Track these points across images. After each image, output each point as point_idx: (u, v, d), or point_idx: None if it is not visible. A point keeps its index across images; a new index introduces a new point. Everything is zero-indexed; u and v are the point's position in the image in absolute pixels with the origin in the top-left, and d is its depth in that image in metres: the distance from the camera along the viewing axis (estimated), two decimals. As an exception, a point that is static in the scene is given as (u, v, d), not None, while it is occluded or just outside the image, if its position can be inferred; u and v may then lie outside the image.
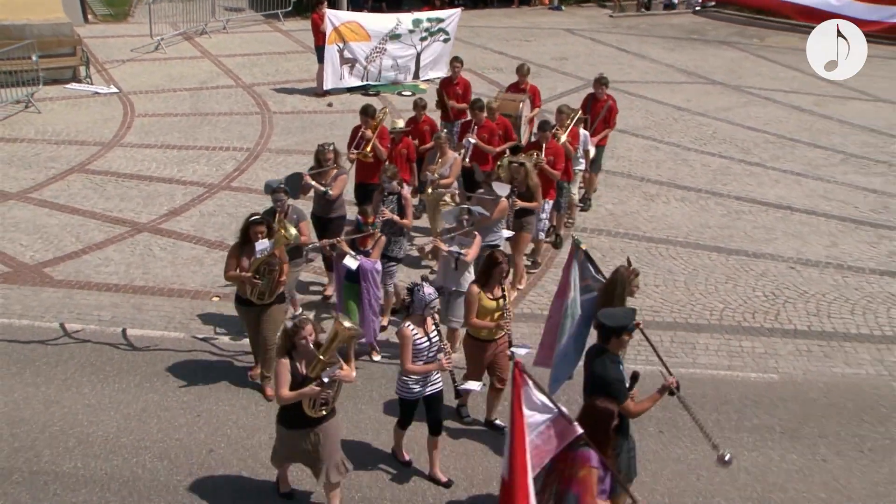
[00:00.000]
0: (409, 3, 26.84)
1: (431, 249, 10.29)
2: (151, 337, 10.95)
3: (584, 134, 13.41)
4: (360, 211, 10.03)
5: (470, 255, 9.89)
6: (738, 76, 22.31)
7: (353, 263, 9.72)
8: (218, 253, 12.69)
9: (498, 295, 8.82)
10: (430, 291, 8.09)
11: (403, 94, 19.99)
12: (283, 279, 9.52)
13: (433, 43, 20.55)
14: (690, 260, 13.11)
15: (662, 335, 11.21)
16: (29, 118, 18.13)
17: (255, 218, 9.40)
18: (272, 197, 10.21)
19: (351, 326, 7.53)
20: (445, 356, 8.24)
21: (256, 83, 20.73)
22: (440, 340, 8.24)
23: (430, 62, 20.65)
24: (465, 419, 9.54)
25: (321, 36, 19.50)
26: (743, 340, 11.09)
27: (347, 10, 22.73)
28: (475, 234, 10.13)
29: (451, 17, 20.62)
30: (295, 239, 9.50)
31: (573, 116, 13.06)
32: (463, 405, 9.56)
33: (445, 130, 13.07)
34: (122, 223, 13.85)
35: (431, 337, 8.13)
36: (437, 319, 8.32)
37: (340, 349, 7.55)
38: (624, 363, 7.45)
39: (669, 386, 7.39)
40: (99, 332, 11.04)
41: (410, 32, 20.22)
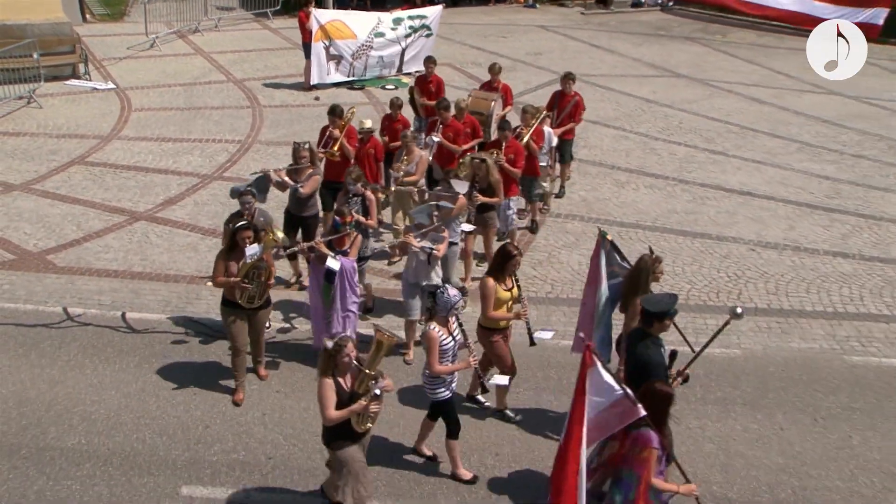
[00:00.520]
0: (392, 1, 26.74)
1: (400, 245, 10.06)
2: (149, 320, 10.94)
3: (547, 131, 13.16)
4: (336, 212, 9.67)
5: (441, 250, 9.73)
6: (701, 70, 22.33)
7: (335, 264, 9.42)
8: (212, 240, 12.68)
9: (510, 286, 8.70)
10: (454, 293, 7.87)
11: (387, 87, 19.92)
12: (271, 282, 9.22)
13: (417, 39, 20.47)
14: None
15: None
16: (31, 113, 18.03)
17: (241, 224, 9.08)
18: (239, 200, 9.85)
19: (392, 335, 7.24)
20: (471, 354, 8.11)
21: (247, 78, 20.63)
22: (464, 339, 8.10)
23: (413, 57, 20.54)
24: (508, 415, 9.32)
25: (308, 33, 19.42)
26: (708, 318, 11.12)
27: (333, 9, 22.64)
28: (443, 229, 9.96)
29: (433, 14, 20.53)
30: (283, 242, 9.34)
31: (538, 116, 12.83)
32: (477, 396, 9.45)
33: (412, 129, 12.74)
34: (120, 212, 13.80)
35: (455, 336, 7.98)
36: (460, 319, 8.13)
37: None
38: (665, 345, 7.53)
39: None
40: (100, 315, 11.03)
41: (392, 30, 20.11)
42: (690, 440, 8.91)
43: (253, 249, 8.96)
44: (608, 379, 6.52)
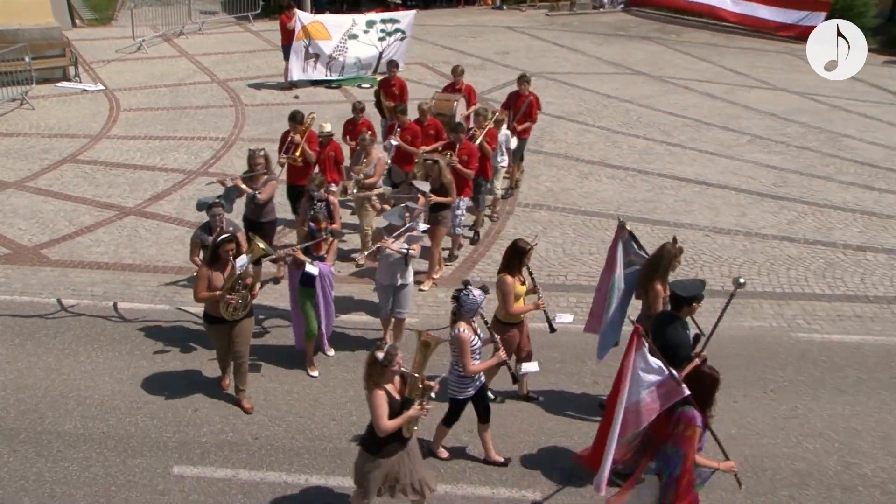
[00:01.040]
0: (366, 4, 26.64)
1: (374, 251, 9.45)
2: (140, 309, 10.90)
3: (504, 133, 12.87)
4: (311, 218, 9.32)
5: (417, 249, 9.54)
6: (659, 68, 22.44)
7: (314, 270, 9.15)
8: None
9: (523, 279, 8.62)
10: (478, 293, 7.62)
11: (363, 86, 19.86)
12: (255, 292, 8.75)
13: (392, 44, 20.35)
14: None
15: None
16: (24, 114, 17.86)
17: (225, 236, 8.50)
18: (209, 213, 9.46)
19: (437, 336, 7.06)
20: (499, 349, 8.03)
21: (230, 79, 20.51)
22: (490, 336, 8.01)
23: (389, 59, 20.39)
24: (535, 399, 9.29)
25: (288, 34, 19.33)
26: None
27: (312, 11, 22.52)
28: (415, 229, 9.66)
29: (406, 18, 20.41)
30: (268, 250, 8.95)
31: (490, 118, 12.59)
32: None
33: (370, 132, 12.29)
34: (110, 208, 13.71)
35: (479, 335, 7.81)
36: (484, 317, 8.01)
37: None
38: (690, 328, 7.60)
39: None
40: (92, 306, 10.97)
41: (365, 33, 19.98)
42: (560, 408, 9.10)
43: (242, 260, 8.48)
44: (655, 361, 6.60)
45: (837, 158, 16.38)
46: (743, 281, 7.59)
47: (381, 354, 6.67)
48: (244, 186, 10.59)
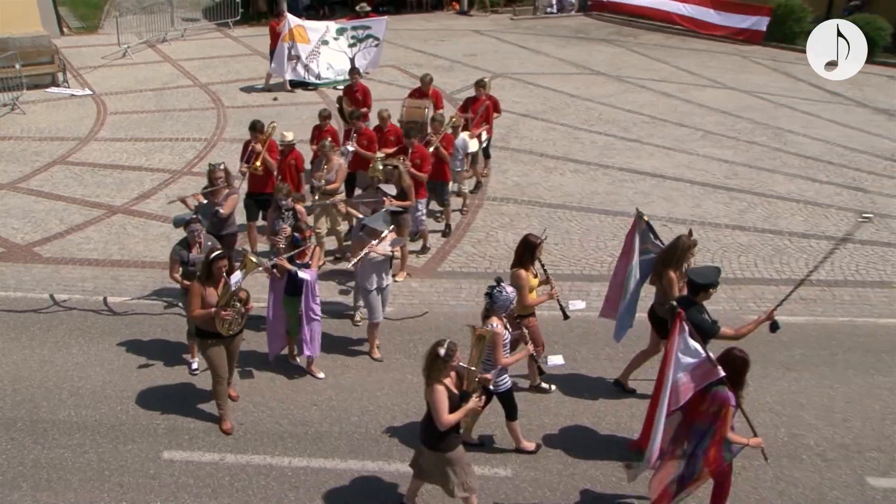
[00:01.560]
0: (341, 11, 26.51)
1: (360, 261, 9.16)
2: (128, 303, 10.84)
3: (462, 139, 12.70)
4: (295, 228, 9.06)
5: (400, 251, 9.47)
6: (617, 68, 22.50)
7: (307, 276, 8.85)
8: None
9: (534, 272, 8.60)
10: (510, 290, 7.56)
11: (338, 87, 19.69)
12: (249, 306, 8.30)
13: (364, 48, 20.16)
14: (583, 221, 13.31)
15: (562, 284, 11.27)
16: (15, 119, 17.67)
17: (217, 253, 8.07)
18: (187, 229, 8.99)
19: (489, 329, 7.03)
20: (527, 343, 8.02)
21: (211, 82, 20.34)
22: (519, 330, 7.96)
23: (365, 63, 20.28)
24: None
25: (276, 39, 19.28)
26: (628, 286, 11.27)
27: (272, 19, 22.33)
28: (395, 231, 9.51)
29: (378, 23, 20.21)
30: (260, 262, 8.66)
31: (447, 124, 12.29)
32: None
33: (330, 139, 11.82)
34: (99, 207, 13.61)
35: (509, 329, 7.72)
36: (513, 313, 7.93)
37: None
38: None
39: (774, 320, 7.72)
40: (83, 300, 10.91)
41: (335, 39, 19.75)
42: (619, 394, 9.15)
43: (237, 277, 8.07)
44: (693, 344, 6.69)
45: (783, 152, 16.53)
46: (870, 215, 7.44)
47: (442, 350, 6.56)
48: (205, 202, 10.15)
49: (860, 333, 9.66)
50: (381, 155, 11.57)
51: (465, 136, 12.83)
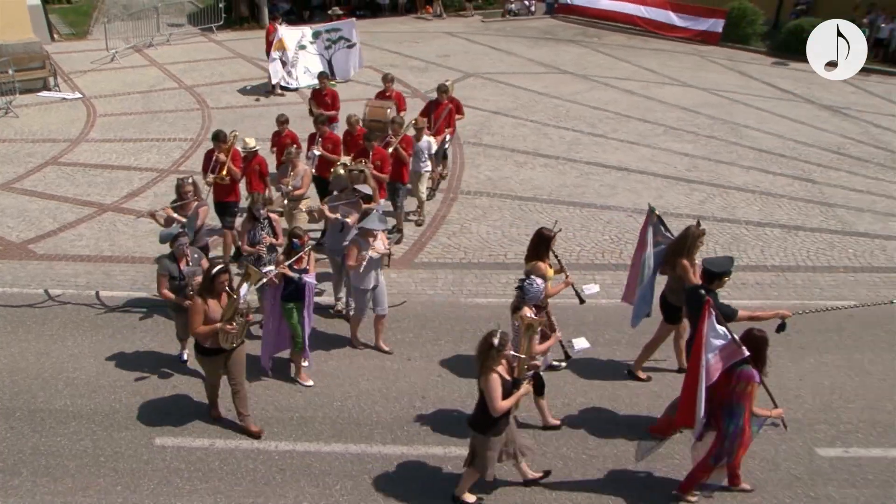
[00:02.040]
0: (320, 16, 26.36)
1: (362, 259, 9.00)
2: (120, 297, 10.78)
3: (426, 140, 12.39)
4: (293, 234, 8.62)
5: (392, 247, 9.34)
6: (583, 67, 22.55)
7: (312, 279, 8.64)
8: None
9: (551, 262, 8.68)
10: (540, 282, 7.59)
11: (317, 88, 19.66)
12: (250, 317, 8.02)
13: (339, 50, 20.08)
14: (553, 213, 13.31)
15: (530, 273, 11.45)
16: (8, 122, 17.44)
17: (220, 268, 7.70)
18: (174, 244, 8.63)
19: (540, 318, 7.02)
20: (556, 330, 8.08)
21: (196, 85, 20.16)
22: (547, 318, 7.96)
23: (342, 65, 20.19)
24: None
25: (270, 44, 19.29)
26: (596, 274, 11.29)
27: (269, 22, 22.13)
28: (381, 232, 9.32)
29: (346, 25, 19.99)
30: (261, 274, 8.27)
31: (406, 126, 12.11)
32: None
33: (295, 146, 11.53)
34: (90, 205, 13.50)
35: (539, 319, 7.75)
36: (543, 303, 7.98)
37: None
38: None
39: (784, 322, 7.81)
40: (77, 295, 10.84)
41: (311, 43, 19.69)
42: (593, 373, 9.29)
43: (245, 289, 7.73)
44: (721, 328, 6.83)
45: (739, 146, 16.68)
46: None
47: (496, 340, 6.58)
48: (177, 216, 9.72)
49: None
50: (344, 159, 11.45)
51: (429, 138, 12.64)
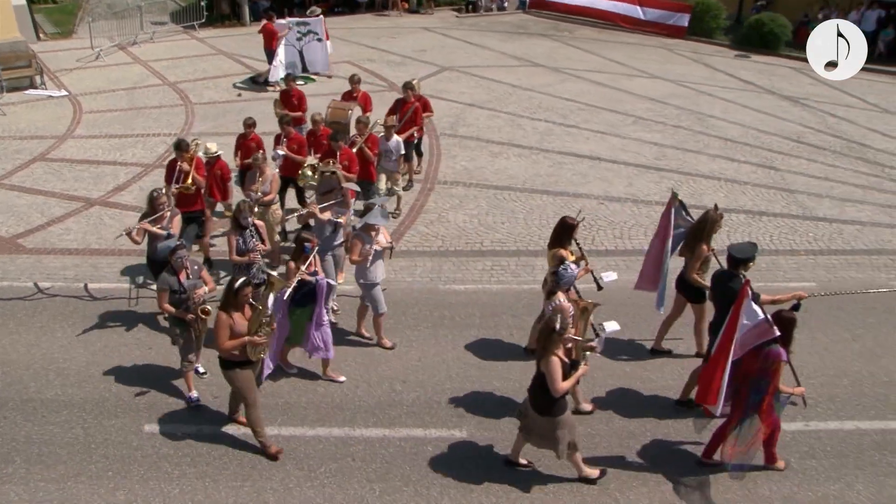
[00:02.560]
0: (298, 14, 26.08)
1: (368, 254, 8.89)
2: (107, 289, 10.67)
3: (396, 140, 12.00)
4: (303, 238, 8.32)
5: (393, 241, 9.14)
6: (555, 60, 22.52)
7: (330, 280, 8.54)
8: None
9: (572, 249, 8.66)
10: (574, 268, 7.64)
11: (297, 82, 19.46)
12: (273, 326, 7.59)
13: (310, 42, 19.86)
14: (527, 201, 13.34)
15: (509, 260, 11.46)
16: (-5, 120, 17.25)
17: (243, 280, 7.37)
18: (173, 257, 8.10)
19: (593, 301, 7.07)
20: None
21: (179, 81, 19.92)
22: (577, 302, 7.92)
23: (312, 59, 20.00)
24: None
25: (271, 40, 19.08)
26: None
27: (250, 20, 21.92)
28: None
29: (314, 21, 19.84)
30: (285, 283, 7.93)
31: (372, 125, 11.90)
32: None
33: (261, 151, 11.12)
34: (77, 200, 13.33)
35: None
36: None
37: None
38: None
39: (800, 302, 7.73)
40: (65, 287, 10.72)
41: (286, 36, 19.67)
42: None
43: (271, 300, 7.47)
44: (755, 308, 6.94)
45: (705, 135, 16.74)
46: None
47: (557, 325, 6.66)
48: (153, 229, 9.32)
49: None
50: (311, 161, 11.27)
51: (397, 138, 12.27)
